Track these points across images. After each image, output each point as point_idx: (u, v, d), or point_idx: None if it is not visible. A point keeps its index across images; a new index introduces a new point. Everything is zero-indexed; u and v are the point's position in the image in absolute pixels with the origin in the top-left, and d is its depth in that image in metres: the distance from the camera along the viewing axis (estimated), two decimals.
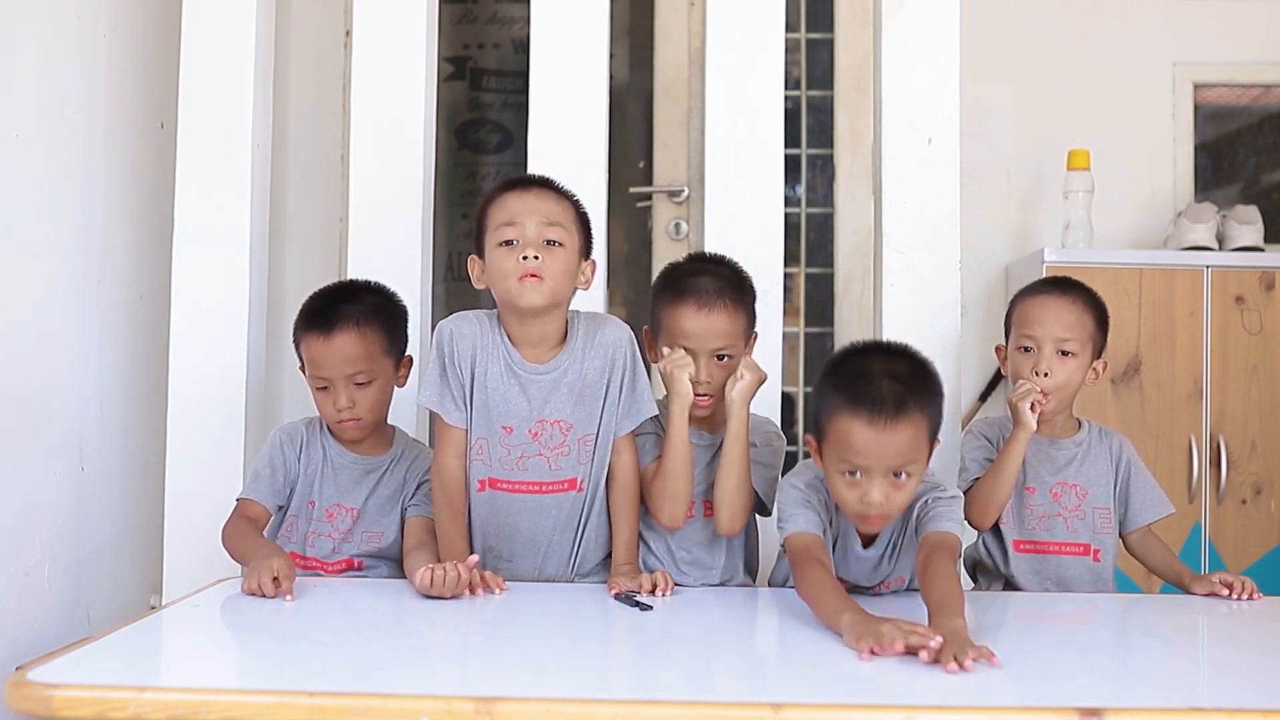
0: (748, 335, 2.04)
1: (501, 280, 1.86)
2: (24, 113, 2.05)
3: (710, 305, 1.97)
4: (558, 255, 1.86)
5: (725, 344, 1.98)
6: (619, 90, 3.30)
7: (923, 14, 2.39)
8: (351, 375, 2.00)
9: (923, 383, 1.71)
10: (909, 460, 1.66)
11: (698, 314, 1.97)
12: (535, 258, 1.83)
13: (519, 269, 1.83)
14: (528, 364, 1.92)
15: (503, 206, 1.88)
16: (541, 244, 1.85)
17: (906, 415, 1.64)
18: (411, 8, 2.42)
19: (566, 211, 1.91)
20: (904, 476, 1.67)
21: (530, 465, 1.93)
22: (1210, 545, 2.90)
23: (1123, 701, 1.29)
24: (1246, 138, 3.40)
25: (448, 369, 1.92)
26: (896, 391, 1.65)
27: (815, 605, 1.61)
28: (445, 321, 1.95)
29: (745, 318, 2.02)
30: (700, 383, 1.97)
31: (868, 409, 1.64)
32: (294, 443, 2.05)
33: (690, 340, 1.97)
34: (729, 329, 1.98)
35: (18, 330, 2.04)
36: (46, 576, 2.14)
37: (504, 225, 1.86)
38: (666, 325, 2.01)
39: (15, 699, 1.23)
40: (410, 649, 1.56)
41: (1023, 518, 2.10)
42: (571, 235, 1.89)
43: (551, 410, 1.92)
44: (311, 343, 2.02)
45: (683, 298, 1.98)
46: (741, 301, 2.01)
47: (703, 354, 1.97)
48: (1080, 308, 2.08)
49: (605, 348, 1.95)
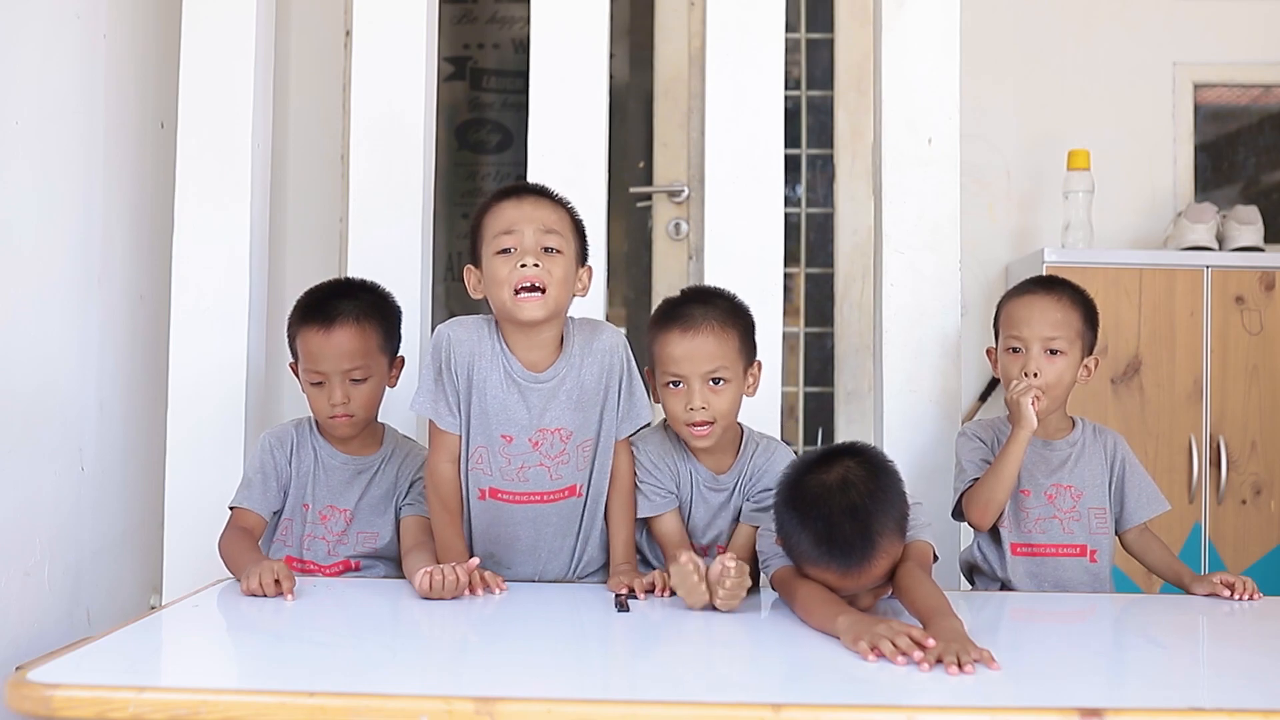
0: (744, 356, 1.97)
1: (499, 290, 1.84)
2: (24, 113, 2.05)
3: (695, 328, 1.92)
4: (557, 262, 1.85)
5: (715, 366, 1.92)
6: (619, 90, 3.30)
7: (923, 14, 2.39)
8: (349, 370, 2.00)
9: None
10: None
11: (683, 337, 1.92)
12: (535, 265, 1.82)
13: (518, 277, 1.82)
14: (527, 372, 1.91)
15: (499, 215, 1.87)
16: (540, 251, 1.84)
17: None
18: (411, 8, 2.42)
19: (563, 219, 1.90)
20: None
21: (531, 475, 1.92)
22: (1210, 545, 2.90)
23: (1123, 701, 1.29)
24: (1246, 138, 3.40)
25: (444, 374, 1.91)
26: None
27: (809, 616, 1.62)
28: (443, 326, 1.94)
29: (736, 340, 1.95)
30: (695, 409, 1.92)
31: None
32: (284, 446, 2.04)
33: (679, 366, 1.92)
34: (717, 351, 1.92)
35: (18, 330, 2.04)
36: (46, 576, 2.14)
37: (501, 234, 1.85)
38: (658, 356, 1.97)
39: (15, 699, 1.23)
40: (410, 649, 1.56)
41: (1019, 520, 2.09)
42: (569, 242, 1.89)
43: (551, 418, 1.92)
44: (309, 336, 2.01)
45: (669, 324, 1.95)
46: (731, 325, 1.95)
47: (694, 378, 1.91)
48: (1066, 305, 2.08)
49: (602, 354, 1.95)
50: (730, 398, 1.94)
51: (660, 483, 1.99)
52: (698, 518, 2.01)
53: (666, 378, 1.95)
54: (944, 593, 1.60)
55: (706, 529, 2.02)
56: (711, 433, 1.94)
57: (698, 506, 2.01)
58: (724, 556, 1.70)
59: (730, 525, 2.01)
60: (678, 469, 2.00)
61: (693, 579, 1.69)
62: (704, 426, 1.93)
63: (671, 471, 2.00)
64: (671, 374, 1.93)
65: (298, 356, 2.06)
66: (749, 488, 2.00)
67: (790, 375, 3.36)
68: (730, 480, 2.00)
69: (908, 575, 1.64)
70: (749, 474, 2.01)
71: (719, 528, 2.01)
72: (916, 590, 1.60)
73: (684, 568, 1.69)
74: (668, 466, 2.00)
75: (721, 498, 2.01)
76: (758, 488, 1.99)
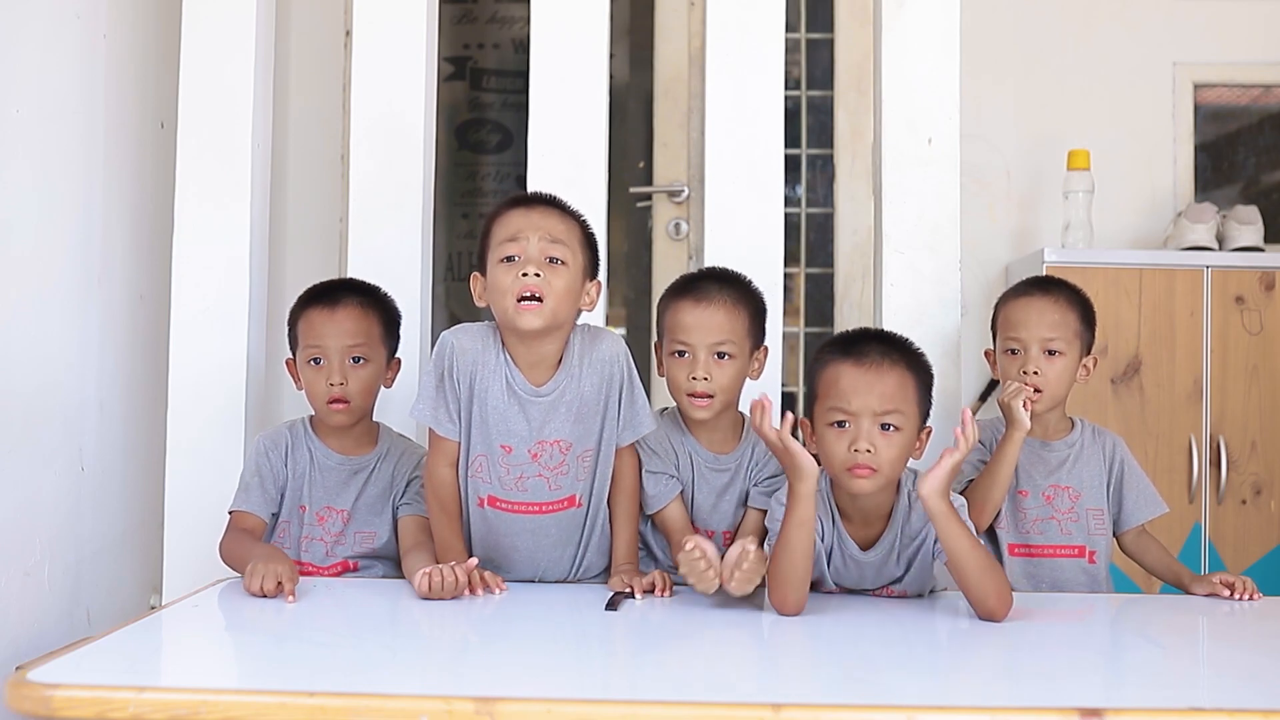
0: (752, 337, 2.01)
1: (501, 298, 1.82)
2: (24, 112, 2.05)
3: (708, 299, 1.97)
4: (560, 273, 1.82)
5: (723, 339, 1.96)
6: (619, 90, 3.29)
7: (923, 14, 2.39)
8: (350, 348, 2.01)
9: (908, 347, 1.84)
10: (894, 407, 1.73)
11: (695, 307, 1.96)
12: (536, 275, 1.80)
13: (518, 286, 1.80)
14: (528, 385, 1.88)
15: (506, 223, 1.85)
16: (543, 261, 1.81)
17: (891, 363, 1.76)
18: (411, 8, 2.42)
19: (571, 230, 1.87)
20: (891, 429, 1.73)
21: (530, 486, 1.91)
22: (1210, 545, 2.90)
23: (1123, 701, 1.29)
24: (1246, 138, 3.40)
25: (445, 381, 1.89)
26: (882, 344, 1.80)
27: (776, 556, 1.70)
28: (447, 333, 1.92)
29: (746, 316, 2.00)
30: (698, 379, 1.95)
31: (855, 356, 1.76)
32: (278, 447, 2.04)
33: (688, 334, 1.96)
34: (726, 323, 1.96)
35: (18, 330, 2.04)
36: (46, 576, 2.14)
37: (506, 241, 1.83)
38: (668, 325, 2.00)
39: (15, 699, 1.23)
40: (410, 649, 1.56)
41: (1016, 521, 2.09)
42: (575, 255, 1.86)
43: (551, 431, 1.90)
44: (313, 315, 2.03)
45: (681, 295, 2.01)
46: (742, 301, 2.00)
47: (701, 349, 1.95)
48: (1064, 306, 2.08)
49: (602, 364, 1.92)
50: (733, 373, 1.96)
51: (663, 466, 2.00)
52: (701, 500, 2.02)
53: (674, 346, 1.98)
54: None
55: (711, 513, 2.02)
56: (711, 406, 1.96)
57: (700, 488, 2.01)
58: (744, 540, 1.70)
59: (735, 511, 2.02)
60: (678, 449, 2.02)
61: (700, 565, 1.68)
62: (704, 399, 1.95)
63: (672, 452, 2.01)
64: (679, 342, 1.96)
65: (296, 344, 2.06)
66: (756, 473, 2.01)
67: (790, 375, 3.36)
68: (732, 462, 2.01)
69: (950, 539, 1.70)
70: (753, 459, 2.02)
71: (723, 511, 2.02)
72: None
73: (690, 554, 1.68)
74: (669, 447, 2.01)
75: (724, 479, 2.01)
76: (764, 474, 2.00)
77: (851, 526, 1.83)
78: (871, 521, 1.83)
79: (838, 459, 1.74)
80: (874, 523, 1.83)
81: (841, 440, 1.74)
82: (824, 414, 1.76)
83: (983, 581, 1.68)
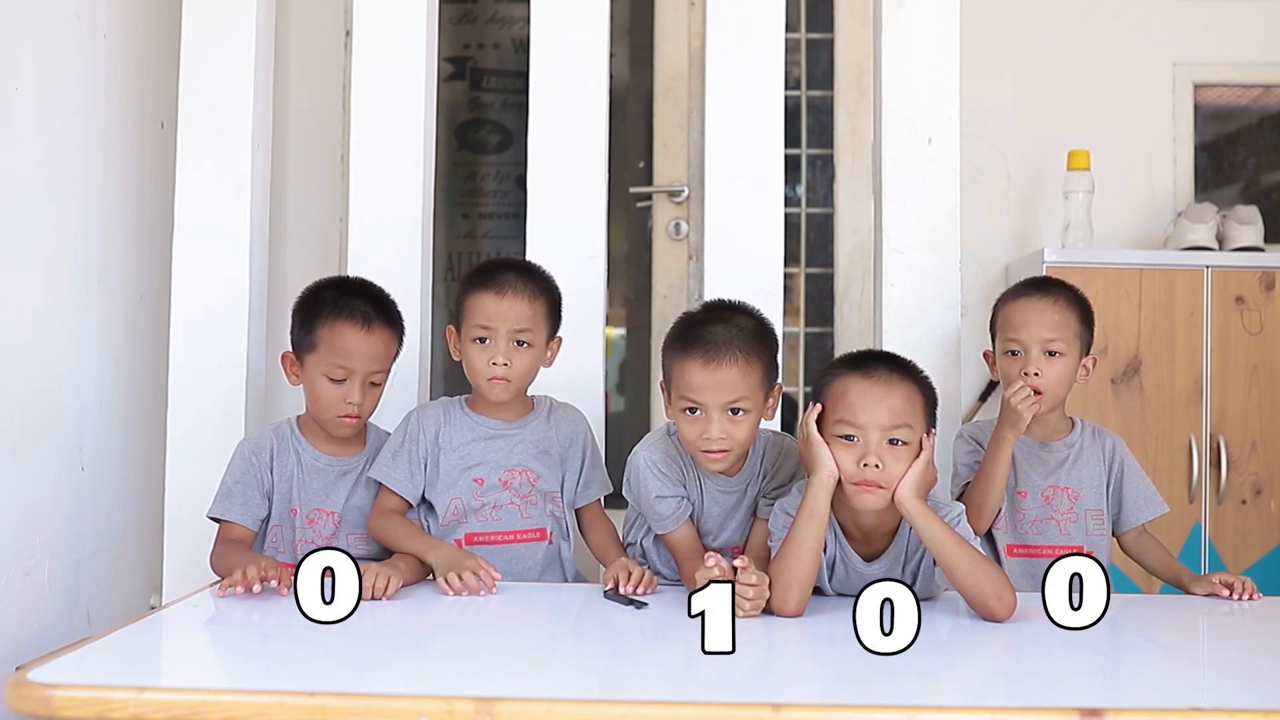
0: (766, 387, 1.89)
1: (473, 374, 2.04)
2: (24, 113, 2.05)
3: (719, 359, 1.83)
4: (525, 354, 2.03)
5: (736, 397, 1.84)
6: (619, 90, 3.30)
7: (923, 14, 2.39)
8: (373, 373, 2.01)
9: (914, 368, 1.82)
10: (902, 422, 1.73)
11: (704, 368, 1.83)
12: (504, 364, 2.00)
13: (489, 371, 2.01)
14: (496, 421, 2.08)
15: (479, 306, 2.02)
16: (511, 348, 2.02)
17: (899, 378, 1.76)
18: (411, 8, 2.42)
19: (538, 313, 2.04)
20: (899, 444, 1.73)
21: (503, 515, 2.05)
22: (1210, 545, 2.90)
23: (1123, 701, 1.29)
24: (1246, 138, 3.40)
25: (405, 444, 2.04)
26: (889, 362, 1.80)
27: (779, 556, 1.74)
28: (412, 410, 2.11)
29: (760, 368, 1.87)
30: (712, 439, 1.85)
31: (863, 370, 1.77)
32: (262, 452, 2.02)
33: (698, 394, 1.84)
34: (739, 382, 1.83)
35: (18, 330, 2.04)
36: (46, 576, 2.14)
37: (479, 325, 2.02)
38: (675, 379, 1.88)
39: (15, 699, 1.23)
40: (410, 649, 1.56)
41: (1015, 522, 2.09)
42: (540, 333, 2.05)
43: (518, 459, 2.07)
44: (345, 331, 1.98)
45: (690, 349, 1.86)
46: (756, 352, 1.86)
47: (713, 408, 1.84)
48: (1063, 306, 2.07)
49: (570, 424, 2.13)
50: (750, 426, 1.87)
51: (673, 489, 1.96)
52: (710, 518, 1.99)
53: (684, 403, 1.86)
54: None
55: (720, 530, 2.00)
56: (727, 458, 1.89)
57: (709, 508, 1.99)
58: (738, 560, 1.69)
59: (743, 526, 2.00)
60: (685, 472, 1.98)
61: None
62: (719, 453, 1.87)
63: (680, 474, 1.97)
64: (690, 400, 1.86)
65: (304, 349, 2.02)
66: (765, 486, 1.99)
67: (790, 375, 3.36)
68: (741, 482, 1.99)
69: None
70: (761, 473, 2.00)
71: (732, 528, 2.00)
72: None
73: (710, 573, 1.66)
74: (675, 470, 1.97)
75: (732, 499, 1.99)
76: (773, 485, 1.98)
77: (854, 544, 1.83)
78: (874, 540, 1.83)
79: (845, 473, 1.73)
80: (877, 540, 1.83)
81: (849, 454, 1.73)
82: (831, 427, 1.75)
83: (976, 580, 1.68)
